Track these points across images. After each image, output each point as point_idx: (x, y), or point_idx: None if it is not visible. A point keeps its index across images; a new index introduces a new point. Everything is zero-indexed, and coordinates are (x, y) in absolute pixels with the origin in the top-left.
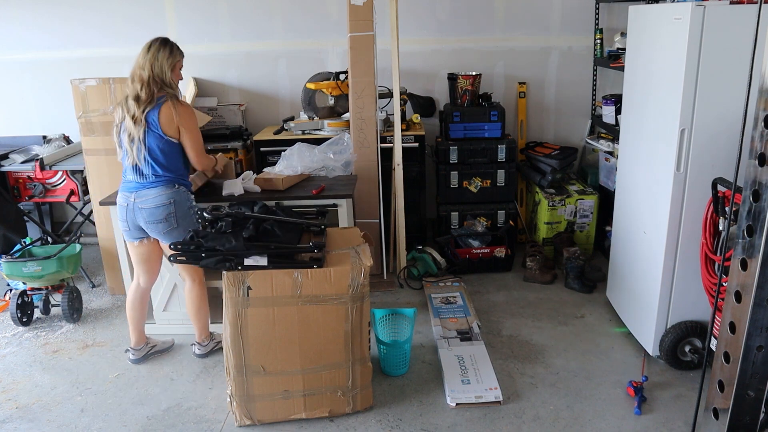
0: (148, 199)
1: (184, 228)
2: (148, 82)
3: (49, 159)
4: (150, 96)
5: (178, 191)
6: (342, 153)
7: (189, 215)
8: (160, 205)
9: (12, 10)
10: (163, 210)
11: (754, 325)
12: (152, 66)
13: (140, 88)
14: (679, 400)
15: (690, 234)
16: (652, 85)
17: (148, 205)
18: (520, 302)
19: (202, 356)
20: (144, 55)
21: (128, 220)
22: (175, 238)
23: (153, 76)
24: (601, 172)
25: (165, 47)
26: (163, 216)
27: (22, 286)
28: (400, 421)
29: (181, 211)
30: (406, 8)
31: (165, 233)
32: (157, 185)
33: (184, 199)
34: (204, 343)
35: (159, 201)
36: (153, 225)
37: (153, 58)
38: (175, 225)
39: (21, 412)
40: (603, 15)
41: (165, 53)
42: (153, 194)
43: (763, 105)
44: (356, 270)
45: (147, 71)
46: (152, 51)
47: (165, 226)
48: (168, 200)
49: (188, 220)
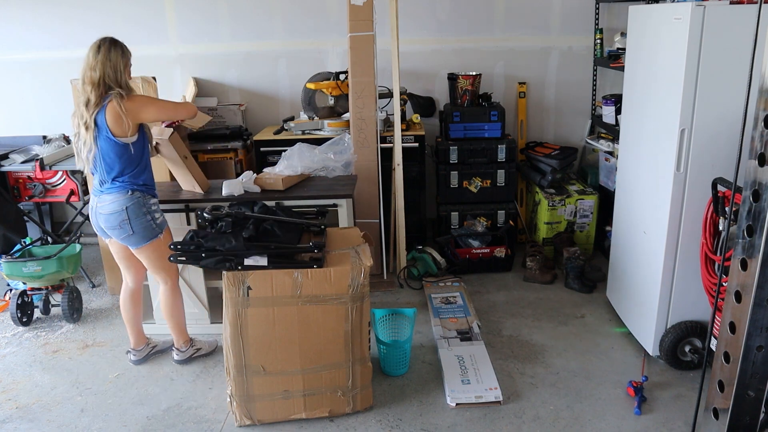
0: (105, 205)
1: (141, 234)
2: (98, 83)
3: (49, 159)
4: (98, 98)
5: (131, 197)
6: (342, 153)
7: (145, 221)
8: (113, 212)
9: (12, 10)
10: (117, 217)
11: (754, 325)
12: (104, 66)
13: (90, 91)
14: (679, 400)
15: (690, 234)
16: (652, 85)
17: (104, 211)
18: (520, 302)
19: (181, 362)
20: (94, 56)
21: (94, 223)
22: (135, 244)
23: (104, 76)
24: (601, 172)
25: (116, 47)
26: (117, 223)
27: (22, 286)
28: (400, 421)
29: (135, 217)
30: (406, 8)
31: (122, 239)
32: (112, 191)
33: (138, 205)
34: (182, 348)
35: (112, 208)
36: (110, 231)
37: (105, 59)
38: (131, 232)
39: (21, 412)
40: (603, 15)
41: (117, 53)
42: (108, 200)
43: (763, 105)
44: (356, 270)
45: (98, 72)
46: (103, 51)
47: (120, 233)
48: (120, 207)
49: (144, 225)
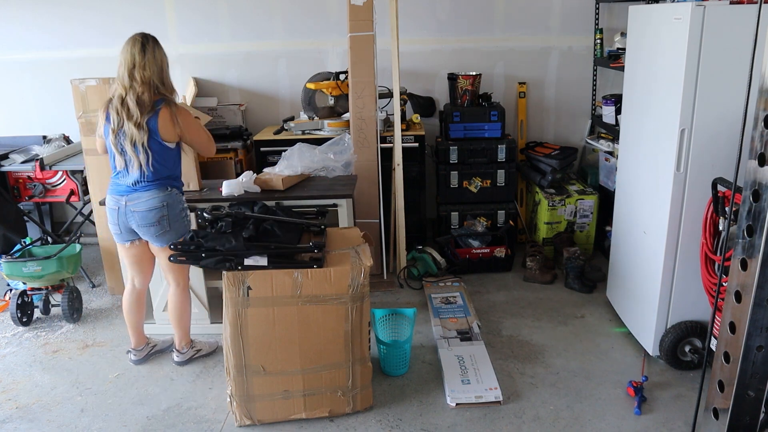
0: (141, 202)
1: (176, 231)
2: (149, 83)
3: (49, 159)
4: (150, 100)
5: (170, 194)
6: (342, 153)
7: (181, 218)
8: (152, 208)
9: (12, 10)
10: (156, 213)
11: (754, 325)
12: (152, 66)
13: (143, 92)
14: (679, 400)
15: (690, 234)
16: (652, 85)
17: (140, 208)
18: (520, 302)
19: (181, 364)
20: (141, 54)
21: (119, 223)
22: (167, 241)
23: (153, 76)
24: (601, 172)
25: (158, 45)
26: (156, 219)
27: (22, 286)
28: (400, 421)
29: (174, 214)
30: (406, 8)
31: (157, 236)
32: (150, 188)
33: (177, 202)
34: (183, 350)
35: (151, 204)
36: (145, 228)
37: (152, 56)
38: (168, 228)
39: (21, 412)
40: (603, 15)
41: (161, 51)
42: (146, 197)
43: (763, 105)
44: (356, 270)
45: (148, 72)
46: (149, 50)
47: (157, 230)
48: (161, 203)
49: (180, 222)
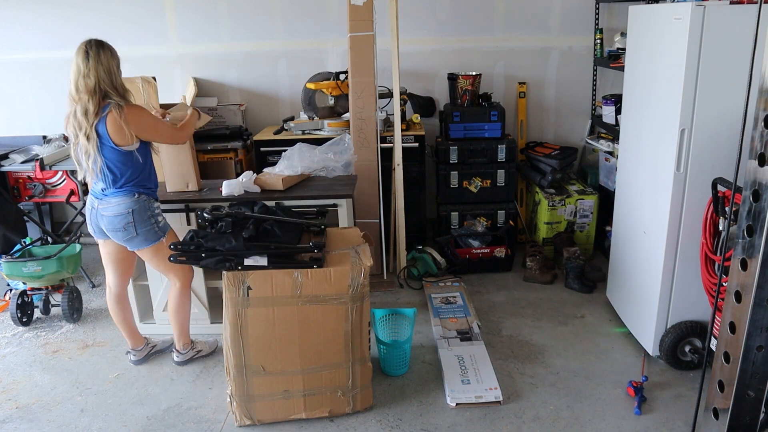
0: (109, 207)
1: (144, 236)
2: (94, 90)
3: (49, 159)
4: (97, 107)
5: (138, 200)
6: (342, 153)
7: (150, 224)
8: (118, 215)
9: (12, 10)
10: (121, 219)
11: (754, 325)
12: (97, 71)
13: (88, 100)
14: (679, 400)
15: (690, 234)
16: (652, 85)
17: (108, 213)
18: (520, 302)
19: (181, 364)
20: (84, 62)
21: (92, 223)
22: (138, 246)
23: (99, 82)
24: (601, 172)
25: (104, 49)
26: (122, 225)
27: (22, 286)
28: (400, 421)
29: (140, 220)
30: (406, 8)
31: (125, 241)
32: (117, 194)
33: (144, 208)
34: (183, 350)
35: (117, 210)
36: (113, 233)
37: (96, 63)
38: (135, 234)
39: (21, 412)
40: (603, 15)
41: (107, 55)
42: (113, 203)
43: (763, 105)
44: (356, 270)
45: (93, 78)
46: (92, 56)
47: (124, 235)
48: (126, 210)
49: (149, 228)
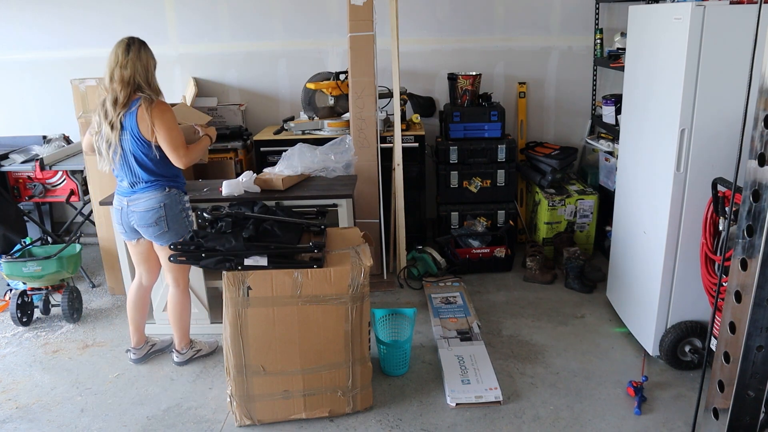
0: (140, 202)
1: (175, 231)
2: (129, 82)
3: (49, 159)
4: (127, 98)
5: (169, 194)
6: (343, 154)
7: (180, 218)
8: (150, 209)
9: (12, 10)
10: (153, 214)
11: (754, 325)
12: (135, 65)
13: (120, 90)
14: (679, 400)
15: (690, 234)
16: (652, 85)
17: (139, 209)
18: (520, 302)
19: (181, 364)
20: (124, 54)
21: (123, 222)
22: (167, 241)
23: (134, 76)
24: (601, 172)
25: (146, 48)
26: (153, 220)
27: (22, 286)
28: (400, 421)
29: (172, 215)
30: (406, 8)
31: (156, 236)
32: (148, 189)
33: (175, 203)
34: (183, 350)
35: (149, 205)
36: (144, 228)
37: (136, 58)
38: (166, 228)
39: (21, 412)
40: (603, 15)
41: (148, 53)
42: (144, 198)
43: (763, 105)
44: (356, 270)
45: (130, 70)
46: (134, 50)
47: (156, 230)
48: (158, 204)
49: (180, 223)
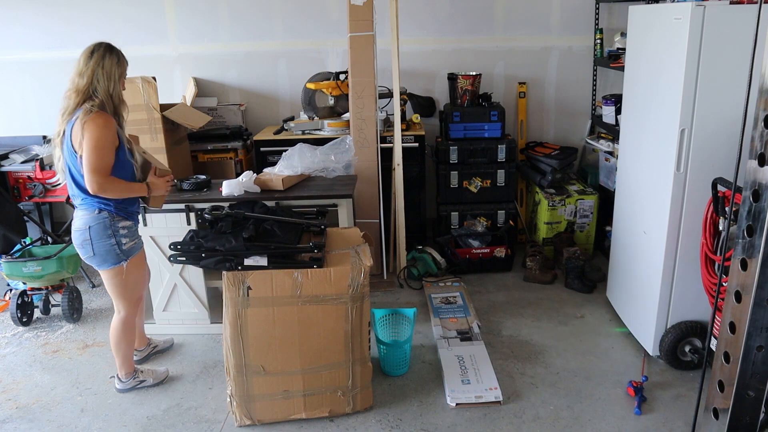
0: (75, 220)
1: (102, 257)
2: (83, 91)
3: (49, 159)
4: (75, 106)
5: (97, 217)
6: (344, 155)
7: (108, 244)
8: (77, 230)
9: (12, 10)
10: (80, 235)
11: (754, 325)
12: (94, 74)
13: (72, 98)
14: (679, 400)
15: (690, 234)
16: (652, 85)
17: (73, 227)
18: (520, 302)
19: (122, 392)
20: (85, 62)
21: None
22: (98, 266)
23: (91, 85)
24: (601, 172)
25: (111, 54)
26: (80, 242)
27: (22, 286)
28: (400, 421)
29: (97, 239)
30: (406, 8)
31: (86, 259)
32: (81, 208)
33: (103, 227)
34: (125, 379)
35: (77, 225)
36: (77, 249)
37: (96, 66)
38: (92, 253)
39: (21, 412)
40: (603, 15)
41: (112, 60)
42: (77, 216)
43: (763, 105)
44: (356, 270)
45: (86, 79)
46: (96, 57)
47: (83, 252)
48: (84, 225)
49: (107, 249)
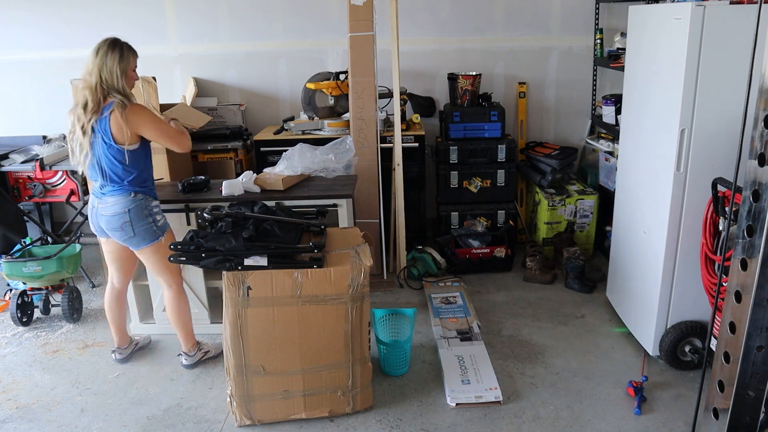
0: (107, 207)
1: (142, 237)
2: (95, 88)
3: (49, 159)
4: (96, 104)
5: (134, 200)
6: (344, 155)
7: (147, 223)
8: (115, 214)
9: (11, 10)
10: (119, 219)
11: (754, 325)
12: (100, 71)
13: (88, 96)
14: (679, 400)
15: (690, 234)
16: (652, 85)
17: (106, 213)
18: (520, 302)
19: (190, 367)
20: (92, 60)
21: (93, 222)
22: (137, 245)
23: (101, 82)
24: (601, 172)
25: (114, 50)
26: (119, 225)
27: (22, 286)
28: (400, 421)
29: (137, 220)
30: (406, 8)
31: (123, 241)
32: (114, 194)
33: (141, 208)
34: (190, 353)
35: (114, 210)
36: (111, 232)
37: (101, 63)
38: (132, 234)
39: (21, 412)
40: (603, 15)
41: (114, 57)
42: (111, 202)
43: (763, 105)
44: (356, 270)
45: (95, 77)
46: (100, 55)
47: (122, 235)
48: (123, 209)
49: (146, 228)
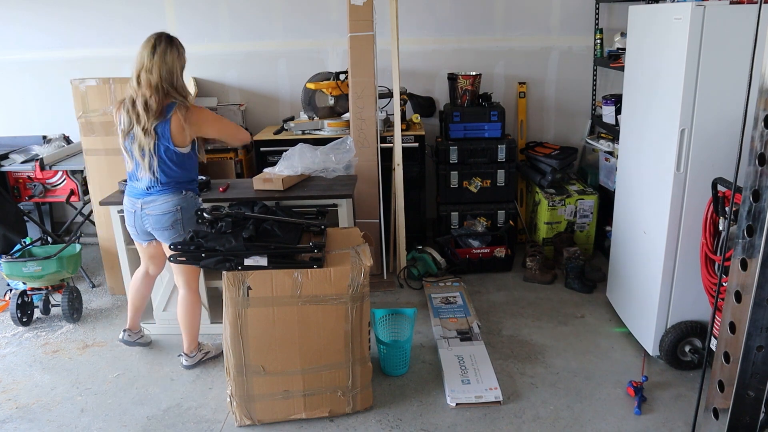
0: (156, 206)
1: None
2: (156, 87)
3: (49, 159)
4: (159, 105)
5: (185, 198)
6: (344, 155)
7: (195, 221)
8: (166, 212)
9: (11, 10)
10: (170, 217)
11: (754, 325)
12: (161, 70)
13: (149, 96)
14: (679, 400)
15: (690, 234)
16: (652, 85)
17: (155, 212)
18: (520, 302)
19: (189, 367)
20: (149, 57)
21: (136, 225)
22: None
23: (161, 81)
24: (601, 172)
25: (172, 47)
26: (170, 223)
27: (22, 286)
28: (400, 421)
29: (188, 218)
30: (406, 8)
31: (173, 239)
32: (165, 192)
33: (191, 205)
34: (191, 354)
35: (165, 208)
36: (160, 232)
37: (161, 61)
38: (182, 232)
39: (21, 412)
40: (603, 15)
41: (173, 54)
42: (160, 201)
43: (763, 105)
44: (356, 270)
45: (155, 76)
46: (159, 52)
47: (171, 233)
48: (175, 207)
49: (193, 224)
